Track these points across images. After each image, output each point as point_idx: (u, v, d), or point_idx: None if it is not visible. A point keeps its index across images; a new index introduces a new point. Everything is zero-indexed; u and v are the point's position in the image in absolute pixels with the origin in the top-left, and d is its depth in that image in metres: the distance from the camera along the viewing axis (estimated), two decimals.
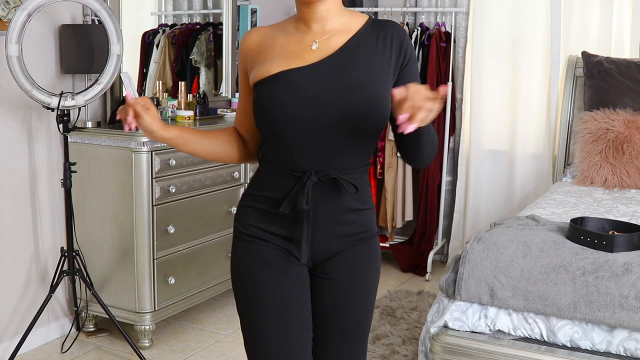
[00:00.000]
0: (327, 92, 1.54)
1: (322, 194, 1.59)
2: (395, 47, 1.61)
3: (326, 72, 1.56)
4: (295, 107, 1.54)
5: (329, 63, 1.57)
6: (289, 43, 1.62)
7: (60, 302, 3.33)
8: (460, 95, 4.42)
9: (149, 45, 3.84)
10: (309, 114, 1.54)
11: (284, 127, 1.56)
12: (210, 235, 3.46)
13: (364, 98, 1.54)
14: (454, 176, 4.53)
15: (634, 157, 3.49)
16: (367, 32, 1.62)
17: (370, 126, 1.57)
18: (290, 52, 1.60)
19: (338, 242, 1.65)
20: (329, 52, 1.58)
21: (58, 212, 3.27)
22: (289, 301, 1.63)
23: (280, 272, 1.63)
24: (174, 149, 3.15)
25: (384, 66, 1.59)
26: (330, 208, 1.61)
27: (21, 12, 2.76)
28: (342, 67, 1.56)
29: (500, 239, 2.39)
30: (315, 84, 1.54)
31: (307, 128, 1.55)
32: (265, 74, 1.58)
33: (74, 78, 3.27)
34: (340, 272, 1.67)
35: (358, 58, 1.58)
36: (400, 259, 4.46)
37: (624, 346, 2.16)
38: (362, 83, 1.55)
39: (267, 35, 1.66)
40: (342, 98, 1.53)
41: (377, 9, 4.41)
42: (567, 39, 4.16)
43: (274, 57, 1.60)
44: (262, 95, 1.58)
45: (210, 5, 4.14)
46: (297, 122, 1.54)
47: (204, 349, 3.25)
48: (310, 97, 1.54)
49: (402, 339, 3.26)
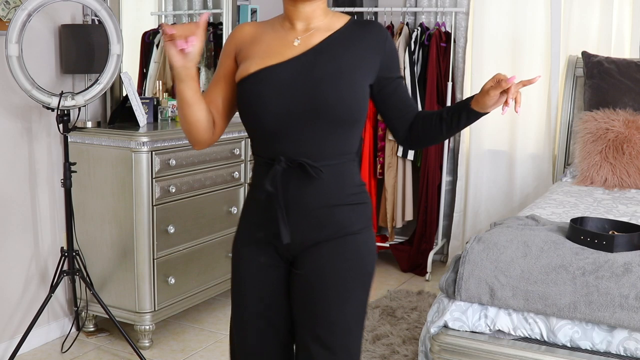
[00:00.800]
0: (300, 85, 1.63)
1: (294, 180, 1.65)
2: (374, 44, 1.72)
3: (301, 66, 1.65)
4: (273, 100, 1.63)
5: (305, 58, 1.66)
6: (273, 40, 1.71)
7: (60, 302, 3.33)
8: (460, 95, 4.42)
9: (149, 45, 3.84)
10: (284, 106, 1.63)
11: (264, 119, 1.65)
12: (210, 235, 3.46)
13: (335, 89, 1.63)
14: (454, 176, 4.53)
15: (634, 157, 3.49)
16: (347, 30, 1.73)
17: (341, 116, 1.64)
18: (272, 49, 1.69)
19: (312, 235, 1.68)
20: (308, 47, 1.68)
21: (58, 212, 3.27)
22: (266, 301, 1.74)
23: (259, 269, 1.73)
24: (174, 148, 3.17)
25: (360, 61, 1.69)
26: (302, 196, 1.66)
27: (21, 12, 2.76)
28: (316, 61, 1.65)
29: (500, 239, 2.39)
30: (290, 78, 1.64)
31: (284, 119, 1.64)
32: (246, 72, 1.68)
33: (74, 78, 3.27)
34: (310, 267, 1.69)
35: (333, 52, 1.67)
36: (400, 259, 4.46)
37: (624, 346, 2.16)
38: (334, 75, 1.64)
39: (258, 31, 1.76)
40: (314, 89, 1.62)
41: (377, 9, 4.41)
42: (567, 39, 4.16)
43: (257, 55, 1.69)
44: (245, 92, 1.68)
45: (210, 5, 4.14)
46: (274, 115, 1.64)
47: (204, 349, 3.25)
48: (286, 91, 1.63)
49: (402, 339, 3.26)
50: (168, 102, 3.62)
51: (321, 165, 1.65)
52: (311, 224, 1.67)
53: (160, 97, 3.67)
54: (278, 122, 1.64)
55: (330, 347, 1.68)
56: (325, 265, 1.68)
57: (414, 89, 4.21)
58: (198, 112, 1.69)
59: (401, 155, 4.30)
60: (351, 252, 1.70)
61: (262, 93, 1.64)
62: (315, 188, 1.66)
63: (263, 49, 1.70)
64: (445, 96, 4.30)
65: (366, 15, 4.55)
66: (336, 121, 1.65)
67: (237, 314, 1.80)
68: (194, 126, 1.71)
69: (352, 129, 1.69)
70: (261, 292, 1.74)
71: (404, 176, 4.37)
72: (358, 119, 1.69)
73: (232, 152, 3.51)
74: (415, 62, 4.24)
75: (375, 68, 1.71)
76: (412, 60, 4.21)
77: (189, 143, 3.26)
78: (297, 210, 1.67)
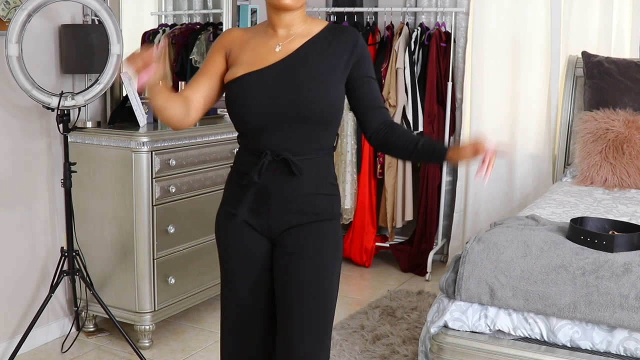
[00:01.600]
0: (281, 88, 1.83)
1: (277, 172, 1.87)
2: (347, 48, 1.90)
3: (282, 71, 1.85)
4: (257, 102, 1.84)
5: (285, 64, 1.86)
6: (257, 45, 1.91)
7: (60, 302, 3.33)
8: (460, 95, 4.42)
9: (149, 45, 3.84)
10: (268, 107, 1.83)
11: (249, 118, 1.86)
12: (210, 235, 3.46)
13: (311, 91, 1.83)
14: (454, 176, 4.53)
15: (634, 157, 3.49)
16: (324, 36, 1.91)
17: (318, 115, 1.84)
18: (256, 54, 1.89)
19: (292, 218, 1.90)
20: (287, 53, 1.87)
21: (58, 212, 3.27)
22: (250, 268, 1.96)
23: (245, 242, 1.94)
24: (174, 148, 3.18)
25: (333, 64, 1.88)
26: (284, 185, 1.88)
27: (21, 12, 2.76)
28: (294, 66, 1.85)
29: (500, 239, 2.39)
30: (272, 82, 1.84)
31: (267, 119, 1.84)
32: (233, 76, 1.88)
33: (74, 78, 3.27)
34: (291, 245, 1.90)
35: (309, 58, 1.87)
36: (400, 259, 4.46)
37: (624, 346, 2.17)
38: (311, 78, 1.84)
39: (245, 37, 1.95)
40: (293, 91, 1.83)
41: (377, 9, 4.41)
42: (567, 39, 4.16)
43: (243, 61, 1.89)
44: (233, 94, 1.88)
45: (210, 5, 4.14)
46: (259, 115, 1.84)
47: (204, 349, 3.25)
48: (268, 94, 1.83)
49: (402, 339, 3.26)
50: None
51: (302, 159, 1.86)
52: (293, 210, 1.89)
53: None
54: (262, 121, 1.85)
55: (308, 303, 1.89)
56: (307, 242, 1.90)
57: (414, 89, 4.21)
58: (171, 111, 1.85)
59: None
60: (329, 234, 1.93)
61: (248, 95, 1.84)
62: (297, 179, 1.87)
63: (249, 54, 1.89)
64: (445, 96, 4.30)
65: (366, 15, 4.55)
66: (314, 120, 1.84)
67: (227, 285, 2.00)
68: (169, 120, 1.88)
69: (329, 127, 1.89)
70: (249, 264, 1.95)
71: (404, 176, 4.37)
72: (334, 118, 1.88)
73: (232, 152, 3.51)
74: (415, 62, 4.24)
75: (347, 70, 1.89)
76: (412, 60, 4.21)
77: (189, 143, 3.27)
78: (281, 198, 1.88)
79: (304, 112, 1.82)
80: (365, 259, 4.49)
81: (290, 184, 1.87)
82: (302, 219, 1.89)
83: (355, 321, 3.49)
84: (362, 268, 4.51)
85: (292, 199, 1.88)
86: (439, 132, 4.30)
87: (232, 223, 1.94)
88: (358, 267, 4.52)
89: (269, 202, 1.89)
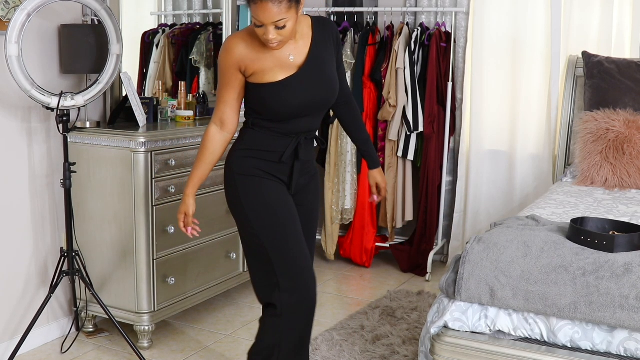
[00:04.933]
0: (313, 87, 2.30)
1: (302, 147, 2.38)
2: (332, 39, 2.38)
3: (310, 73, 2.30)
4: (297, 101, 2.28)
5: (309, 66, 2.30)
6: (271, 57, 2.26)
7: (60, 302, 3.33)
8: (460, 95, 4.41)
9: (149, 45, 3.84)
10: (304, 102, 2.29)
11: (287, 112, 2.30)
12: (210, 235, 3.46)
13: (331, 86, 2.36)
14: (454, 176, 4.53)
15: (635, 157, 3.49)
16: (317, 33, 2.33)
17: (332, 102, 2.40)
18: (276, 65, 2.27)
19: (304, 179, 2.45)
20: (302, 57, 2.30)
21: (58, 212, 3.27)
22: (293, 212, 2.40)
23: (284, 194, 2.39)
24: (174, 149, 3.18)
25: (332, 56, 2.38)
26: (305, 157, 2.41)
27: (21, 12, 2.76)
28: (316, 68, 2.31)
29: (501, 239, 2.39)
30: (306, 83, 2.29)
31: (302, 111, 2.31)
32: (264, 81, 2.27)
33: (74, 78, 3.27)
34: (304, 198, 2.48)
35: (321, 57, 2.33)
36: (401, 259, 4.46)
37: (625, 346, 2.16)
38: (329, 76, 2.35)
39: (249, 47, 2.26)
40: (321, 89, 2.33)
41: (377, 9, 4.41)
42: (568, 39, 4.15)
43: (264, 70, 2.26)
44: (271, 94, 2.27)
45: (210, 5, 4.14)
46: (296, 108, 2.29)
47: (204, 349, 3.25)
48: (304, 93, 2.29)
49: (402, 339, 3.26)
50: (168, 102, 3.62)
51: (312, 135, 2.43)
52: (305, 172, 2.44)
53: (160, 97, 3.67)
54: (296, 112, 2.30)
55: (313, 225, 2.59)
56: (310, 195, 2.52)
57: (414, 89, 4.21)
58: (207, 173, 2.47)
59: (401, 156, 4.30)
60: (317, 184, 2.57)
61: (289, 95, 2.26)
62: (309, 149, 2.43)
63: (268, 65, 2.26)
64: (445, 96, 4.30)
65: (366, 15, 4.55)
66: (328, 106, 2.41)
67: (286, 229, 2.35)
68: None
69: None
70: (289, 205, 2.38)
71: (404, 176, 4.37)
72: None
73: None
74: (416, 62, 4.24)
75: (334, 57, 2.39)
76: (412, 60, 4.21)
77: (188, 143, 3.27)
78: (301, 165, 2.40)
79: (328, 103, 2.37)
80: (365, 259, 4.49)
81: (306, 156, 2.41)
82: (307, 179, 2.47)
83: (355, 321, 3.49)
84: (362, 268, 4.51)
85: (305, 166, 2.42)
86: (439, 132, 4.30)
87: (271, 182, 2.36)
88: (358, 268, 4.52)
89: (293, 171, 2.38)
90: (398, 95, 4.21)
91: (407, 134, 4.27)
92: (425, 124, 4.23)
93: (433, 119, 4.26)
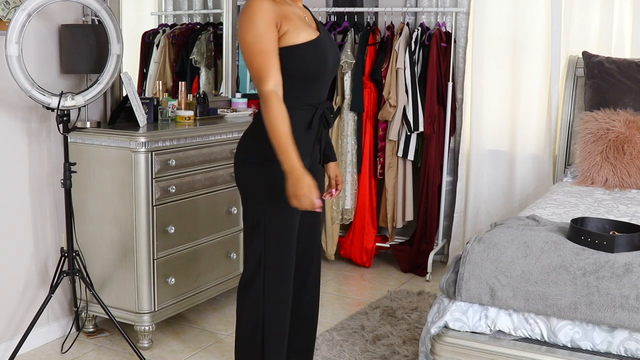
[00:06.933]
0: (332, 49, 2.37)
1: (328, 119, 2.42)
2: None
3: (327, 36, 2.38)
4: (329, 61, 2.32)
5: (321, 30, 2.37)
6: (297, 17, 2.28)
7: (60, 302, 3.33)
8: (460, 95, 4.41)
9: (149, 45, 3.84)
10: (332, 64, 2.35)
11: (321, 73, 2.30)
12: (210, 235, 3.46)
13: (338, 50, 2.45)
14: (454, 176, 4.53)
15: (635, 158, 3.49)
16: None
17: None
18: (304, 24, 2.28)
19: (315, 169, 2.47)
20: (312, 20, 2.39)
21: (58, 212, 3.27)
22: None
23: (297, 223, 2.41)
24: (174, 149, 3.18)
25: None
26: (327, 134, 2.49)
27: (21, 12, 2.76)
28: (325, 32, 2.38)
29: (501, 239, 2.39)
30: (329, 45, 2.34)
31: (330, 73, 2.36)
32: (298, 41, 2.22)
33: (74, 78, 3.27)
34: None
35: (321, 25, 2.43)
36: (401, 259, 4.46)
37: (625, 347, 2.16)
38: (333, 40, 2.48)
39: (278, 5, 2.22)
40: (336, 52, 2.40)
41: (377, 9, 4.41)
42: (568, 39, 4.15)
43: (298, 26, 2.24)
44: (311, 52, 2.25)
45: (210, 5, 4.14)
46: (328, 69, 2.34)
47: (204, 349, 3.25)
48: (331, 53, 2.35)
49: (403, 339, 3.26)
50: (168, 102, 3.62)
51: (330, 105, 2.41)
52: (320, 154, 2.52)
53: (160, 97, 3.67)
54: (326, 74, 2.33)
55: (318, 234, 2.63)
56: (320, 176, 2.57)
57: (415, 89, 4.21)
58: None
59: (401, 156, 4.30)
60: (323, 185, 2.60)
61: (323, 55, 2.28)
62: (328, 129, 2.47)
63: (297, 24, 2.24)
64: (445, 96, 4.30)
65: (366, 15, 4.55)
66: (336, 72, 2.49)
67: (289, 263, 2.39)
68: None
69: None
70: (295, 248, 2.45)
71: (404, 176, 4.37)
72: None
73: (232, 152, 3.51)
74: (416, 62, 4.24)
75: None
76: (413, 60, 4.21)
77: (189, 143, 3.27)
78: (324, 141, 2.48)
79: (338, 67, 2.47)
80: (365, 260, 4.49)
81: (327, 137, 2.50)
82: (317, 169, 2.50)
83: (356, 321, 3.49)
84: (363, 268, 4.51)
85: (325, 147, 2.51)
86: (439, 132, 4.30)
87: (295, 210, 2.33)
88: (358, 268, 4.52)
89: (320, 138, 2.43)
90: (398, 95, 4.21)
91: (407, 134, 4.27)
92: (425, 124, 4.23)
93: (433, 119, 4.26)
